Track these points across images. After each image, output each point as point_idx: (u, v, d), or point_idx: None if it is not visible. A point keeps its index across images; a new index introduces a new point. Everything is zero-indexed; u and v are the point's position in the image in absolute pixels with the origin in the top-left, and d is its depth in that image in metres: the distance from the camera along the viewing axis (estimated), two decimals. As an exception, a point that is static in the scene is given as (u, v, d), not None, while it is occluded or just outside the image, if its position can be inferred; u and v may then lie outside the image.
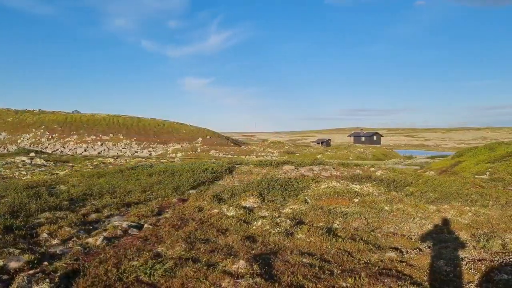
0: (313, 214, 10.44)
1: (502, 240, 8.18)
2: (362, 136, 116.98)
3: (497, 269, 6.41)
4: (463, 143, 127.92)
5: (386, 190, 13.72)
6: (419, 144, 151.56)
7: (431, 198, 12.59)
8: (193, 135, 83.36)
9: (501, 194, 13.82)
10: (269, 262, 6.17)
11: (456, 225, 9.66)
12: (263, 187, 13.65)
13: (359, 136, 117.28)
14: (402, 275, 5.90)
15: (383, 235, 8.74)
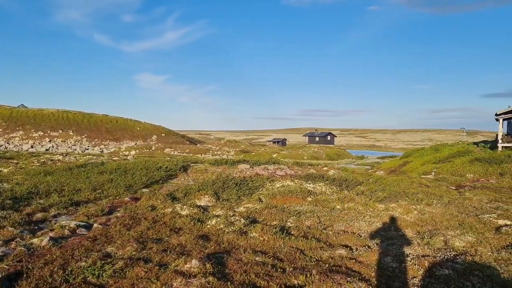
0: (267, 212, 10.53)
1: (444, 237, 8.63)
2: (317, 136, 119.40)
3: (439, 264, 6.75)
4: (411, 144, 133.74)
5: (338, 189, 14.08)
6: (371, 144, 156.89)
7: (380, 197, 13.06)
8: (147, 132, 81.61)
9: (444, 193, 14.58)
10: (222, 261, 6.16)
11: (403, 223, 10.09)
12: (218, 186, 13.61)
13: (313, 136, 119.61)
14: (351, 272, 6.08)
15: (334, 233, 8.96)
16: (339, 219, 10.22)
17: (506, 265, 6.90)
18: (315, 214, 10.62)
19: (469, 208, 11.96)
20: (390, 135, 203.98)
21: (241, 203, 11.89)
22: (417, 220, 10.54)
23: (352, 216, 10.52)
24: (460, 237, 8.61)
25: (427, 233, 9.15)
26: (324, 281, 5.36)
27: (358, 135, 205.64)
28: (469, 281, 6.01)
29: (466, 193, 14.90)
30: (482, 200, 13.42)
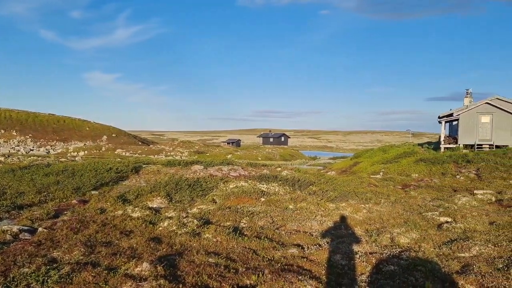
0: (220, 213, 10.52)
1: (390, 234, 9.01)
2: (271, 137, 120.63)
3: (386, 261, 7.04)
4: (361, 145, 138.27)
5: (291, 189, 14.31)
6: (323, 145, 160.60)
7: (332, 197, 13.41)
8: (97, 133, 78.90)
9: (391, 193, 15.20)
10: (174, 263, 6.08)
11: (352, 222, 10.42)
12: (171, 187, 13.42)
13: (267, 137, 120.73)
14: (303, 270, 6.20)
15: (287, 233, 9.10)
16: (291, 219, 10.38)
17: (447, 260, 7.30)
18: (268, 214, 10.73)
19: (414, 206, 12.55)
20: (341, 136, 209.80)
21: (194, 204, 11.80)
22: (366, 218, 10.92)
23: (304, 216, 10.72)
24: (405, 234, 9.01)
25: (375, 231, 9.50)
26: (276, 280, 5.43)
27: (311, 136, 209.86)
28: (412, 276, 6.31)
29: (411, 192, 15.61)
30: (426, 198, 14.12)
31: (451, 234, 9.24)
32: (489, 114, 27.96)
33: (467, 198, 13.89)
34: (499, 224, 10.15)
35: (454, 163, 22.03)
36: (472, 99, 33.56)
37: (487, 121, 27.98)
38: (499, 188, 16.33)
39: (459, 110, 30.15)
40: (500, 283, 5.99)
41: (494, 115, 27.81)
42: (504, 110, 27.74)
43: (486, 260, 7.23)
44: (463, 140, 28.73)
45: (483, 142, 27.92)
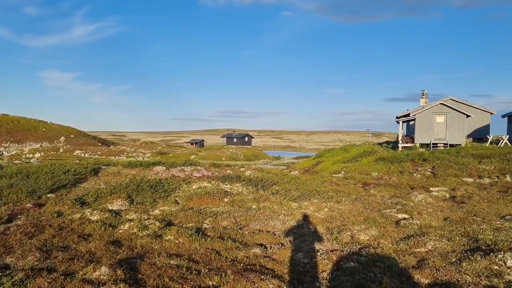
0: (183, 215, 10.40)
1: (351, 232, 9.22)
2: (235, 137, 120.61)
3: (346, 258, 7.20)
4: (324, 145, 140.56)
5: (255, 189, 14.35)
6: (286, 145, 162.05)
7: (294, 196, 13.56)
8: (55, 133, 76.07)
9: (352, 191, 15.55)
10: (135, 267, 5.96)
11: (315, 220, 10.58)
12: (132, 189, 13.14)
13: (231, 137, 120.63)
14: (265, 270, 6.24)
15: (250, 233, 9.12)
16: (254, 219, 10.42)
17: (404, 255, 7.56)
18: (231, 214, 10.71)
19: (373, 204, 12.90)
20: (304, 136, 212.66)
21: (156, 206, 11.61)
22: (328, 217, 11.12)
23: (267, 215, 10.79)
24: (365, 231, 9.25)
25: (336, 228, 9.69)
26: (238, 281, 5.44)
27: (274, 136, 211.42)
28: (371, 272, 6.49)
29: (371, 190, 16.04)
30: (385, 196, 14.55)
31: (408, 230, 9.57)
32: (443, 114, 29.16)
33: (423, 195, 14.43)
34: (453, 219, 10.62)
35: (411, 161, 22.83)
36: (427, 100, 34.91)
37: (441, 121, 29.16)
38: (453, 185, 17.07)
39: (415, 110, 31.27)
40: (453, 276, 6.27)
41: (448, 115, 29.02)
42: (457, 110, 29.02)
43: (440, 255, 7.54)
44: (420, 139, 29.81)
45: (438, 141, 29.08)
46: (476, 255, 7.10)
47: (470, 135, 32.19)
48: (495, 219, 10.57)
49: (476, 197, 14.11)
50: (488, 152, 22.87)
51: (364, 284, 5.69)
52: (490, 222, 10.08)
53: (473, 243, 8.14)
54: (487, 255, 7.02)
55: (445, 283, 6.03)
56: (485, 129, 32.70)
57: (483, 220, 10.36)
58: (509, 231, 9.02)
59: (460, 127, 28.87)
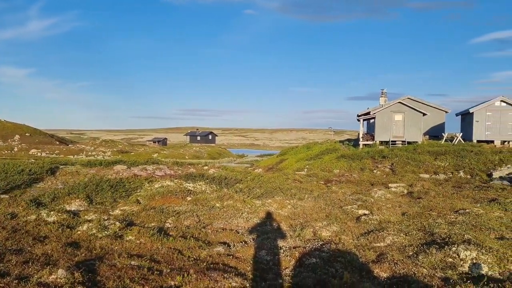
0: (145, 214, 10.22)
1: (313, 228, 9.35)
2: (198, 135, 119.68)
3: (308, 254, 7.30)
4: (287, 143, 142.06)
5: (218, 187, 14.29)
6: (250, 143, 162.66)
7: (258, 194, 13.61)
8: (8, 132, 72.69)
9: (315, 188, 15.78)
10: (93, 268, 5.79)
11: (278, 217, 10.66)
12: (91, 188, 12.77)
13: (195, 136, 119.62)
14: (228, 268, 6.23)
15: (213, 231, 9.07)
16: (218, 217, 10.38)
17: (364, 250, 7.74)
18: (194, 213, 10.62)
19: (335, 200, 13.14)
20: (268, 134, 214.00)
21: (117, 205, 11.34)
22: (291, 214, 11.23)
23: (231, 214, 10.77)
24: (327, 228, 9.41)
25: (299, 225, 9.81)
26: (201, 280, 5.39)
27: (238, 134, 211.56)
28: (333, 267, 6.61)
29: (333, 187, 16.34)
30: (346, 193, 14.85)
31: (368, 226, 9.82)
32: (401, 112, 30.11)
33: (383, 192, 14.85)
34: (410, 214, 10.99)
35: (371, 158, 23.44)
36: (386, 99, 35.95)
37: (400, 119, 30.11)
38: (410, 181, 17.67)
39: (375, 109, 32.12)
40: (410, 269, 6.49)
41: (406, 113, 30.00)
42: (414, 109, 30.06)
43: (399, 249, 7.79)
44: (379, 137, 30.66)
45: (396, 138, 30.02)
46: (432, 248, 7.38)
47: (426, 132, 33.43)
48: (450, 213, 11.03)
49: (432, 193, 14.66)
50: (443, 149, 23.83)
51: (325, 280, 5.78)
52: (445, 216, 10.50)
53: (429, 237, 8.45)
54: (442, 248, 7.31)
55: (403, 276, 6.23)
56: (441, 127, 34.06)
57: (438, 215, 10.78)
58: (462, 224, 9.43)
59: (417, 125, 29.92)
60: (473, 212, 10.77)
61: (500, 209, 11.60)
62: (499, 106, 28.24)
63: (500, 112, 28.09)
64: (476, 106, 28.96)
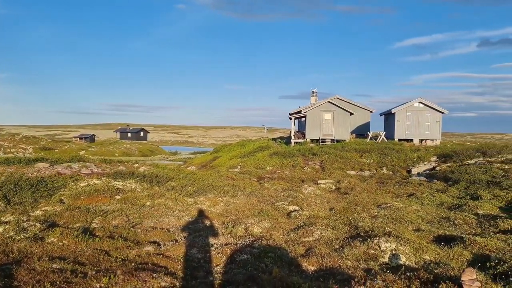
0: (69, 214, 9.68)
1: (245, 225, 9.44)
2: (129, 132, 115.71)
3: (239, 251, 7.35)
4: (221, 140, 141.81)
5: (149, 185, 13.92)
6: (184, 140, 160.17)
7: (190, 191, 13.45)
8: None
9: (247, 185, 15.93)
10: (10, 273, 5.38)
11: (210, 215, 10.62)
12: (9, 188, 11.85)
13: (125, 132, 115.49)
14: (158, 267, 6.09)
15: (143, 230, 8.83)
16: (148, 216, 10.11)
17: (293, 245, 7.97)
18: (123, 212, 10.25)
19: (267, 197, 13.37)
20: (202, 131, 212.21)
21: (38, 206, 10.62)
22: (223, 211, 11.25)
23: (162, 212, 10.55)
24: (259, 224, 9.55)
25: (231, 222, 9.85)
26: (128, 281, 5.22)
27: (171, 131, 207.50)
28: (263, 263, 6.72)
29: (265, 184, 16.61)
30: (278, 189, 15.17)
31: (298, 221, 10.11)
32: (330, 111, 31.33)
33: (312, 188, 15.37)
34: (337, 209, 11.49)
35: (302, 156, 24.15)
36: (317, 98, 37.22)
37: (329, 118, 31.31)
38: (338, 177, 18.46)
39: (306, 108, 33.11)
40: (336, 262, 6.78)
41: (334, 112, 31.25)
42: (342, 108, 31.41)
43: (326, 243, 8.11)
44: (310, 135, 31.66)
45: (326, 137, 31.18)
46: (356, 241, 7.77)
47: (353, 131, 35.10)
48: (373, 207, 11.69)
49: (357, 188, 15.44)
50: (368, 147, 25.17)
51: (255, 275, 5.86)
52: (369, 211, 11.11)
53: (354, 231, 8.89)
54: (365, 240, 7.72)
55: (329, 268, 6.50)
56: (366, 126, 35.94)
57: (363, 209, 11.38)
58: (384, 218, 10.05)
59: (345, 124, 31.30)
60: (394, 206, 11.50)
61: (418, 203, 12.51)
62: (417, 107, 30.39)
63: (418, 113, 30.24)
64: (397, 106, 30.93)
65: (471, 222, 9.81)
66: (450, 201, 12.73)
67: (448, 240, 8.21)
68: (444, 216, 10.54)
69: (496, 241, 7.64)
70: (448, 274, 5.31)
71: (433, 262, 6.66)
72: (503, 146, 22.73)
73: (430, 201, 12.74)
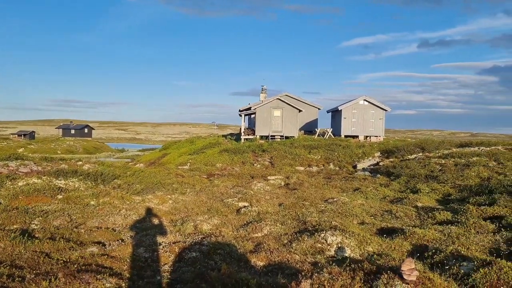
0: (5, 216, 9.10)
1: (194, 222, 9.34)
2: (72, 128, 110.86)
3: (188, 248, 7.27)
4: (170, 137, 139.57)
5: (94, 184, 13.42)
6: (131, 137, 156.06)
7: (138, 189, 13.12)
8: None
9: (197, 182, 15.79)
10: None
11: (159, 213, 10.41)
12: None
13: (68, 129, 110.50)
14: (102, 268, 5.88)
15: (87, 231, 8.49)
16: (93, 216, 9.74)
17: (243, 241, 7.99)
18: (65, 212, 9.80)
19: (216, 194, 13.32)
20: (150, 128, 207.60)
21: (-30, 207, 9.91)
22: (172, 209, 11.07)
23: (107, 211, 10.19)
24: (208, 221, 9.49)
25: (179, 220, 9.71)
26: (70, 283, 5.00)
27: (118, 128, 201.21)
28: (212, 260, 6.69)
29: (215, 181, 16.53)
30: (228, 186, 15.16)
31: (247, 217, 10.16)
32: (280, 108, 31.73)
33: (262, 184, 15.50)
34: (286, 205, 11.66)
35: (252, 152, 24.29)
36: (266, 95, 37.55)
37: (278, 115, 31.70)
38: (287, 173, 18.74)
39: (256, 104, 33.31)
40: (284, 257, 6.88)
41: (284, 109, 31.69)
42: (291, 105, 31.92)
43: (275, 238, 8.20)
44: (260, 131, 31.90)
45: (275, 133, 31.55)
46: (304, 235, 7.93)
47: (302, 128, 35.78)
48: (321, 202, 11.99)
49: (306, 184, 15.76)
50: (316, 143, 25.76)
51: (204, 273, 5.82)
52: (316, 205, 11.37)
53: (302, 225, 9.07)
54: (312, 235, 7.90)
55: (278, 263, 6.58)
56: (314, 123, 36.76)
57: (311, 204, 11.63)
58: (330, 212, 10.33)
59: (294, 121, 31.84)
60: (340, 201, 11.86)
61: (362, 197, 12.97)
62: (362, 104, 31.51)
63: (363, 110, 31.35)
64: (343, 104, 31.89)
65: (411, 215, 10.32)
66: (392, 194, 13.33)
67: (390, 232, 8.60)
68: (387, 209, 11.01)
69: (433, 232, 8.09)
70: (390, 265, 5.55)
71: (376, 253, 6.93)
72: (440, 142, 24.11)
73: (374, 195, 13.26)
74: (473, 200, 10.98)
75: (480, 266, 5.55)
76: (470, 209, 9.79)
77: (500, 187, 11.69)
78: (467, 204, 10.49)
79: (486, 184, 12.65)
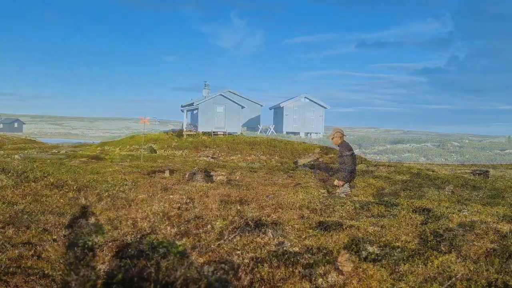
0: None
1: (133, 220, 9.08)
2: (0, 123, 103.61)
3: (126, 247, 7.06)
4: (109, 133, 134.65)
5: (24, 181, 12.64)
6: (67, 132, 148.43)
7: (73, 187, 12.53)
8: None
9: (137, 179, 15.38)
10: None
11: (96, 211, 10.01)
12: None
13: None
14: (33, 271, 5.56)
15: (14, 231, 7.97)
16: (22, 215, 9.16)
17: (183, 238, 7.89)
18: (-9, 212, 9.14)
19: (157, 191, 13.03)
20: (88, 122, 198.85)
21: None
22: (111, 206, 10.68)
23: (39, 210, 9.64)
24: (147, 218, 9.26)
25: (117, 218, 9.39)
26: (-5, 288, 4.68)
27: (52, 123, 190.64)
28: (151, 258, 6.54)
29: (156, 178, 16.18)
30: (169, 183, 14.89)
31: (189, 214, 10.03)
32: (223, 105, 31.73)
33: (205, 180, 15.40)
34: (228, 201, 11.68)
35: (195, 148, 24.09)
36: (209, 91, 37.40)
37: (221, 111, 31.69)
38: (230, 169, 18.79)
39: (198, 100, 33.07)
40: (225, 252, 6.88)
41: (226, 106, 31.71)
42: (234, 101, 32.01)
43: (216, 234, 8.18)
44: (203, 127, 31.70)
45: (218, 129, 31.51)
46: (245, 231, 7.98)
47: (245, 124, 36.05)
48: (262, 198, 12.12)
49: (248, 179, 15.88)
50: (258, 139, 26.06)
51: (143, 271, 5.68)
52: (258, 201, 11.49)
53: (244, 221, 9.11)
54: (254, 230, 7.98)
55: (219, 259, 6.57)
56: (257, 119, 37.17)
57: (253, 200, 11.73)
58: (271, 207, 10.49)
59: (237, 117, 31.98)
60: (281, 196, 12.08)
61: (303, 192, 13.31)
62: (303, 102, 32.33)
63: (304, 107, 32.17)
64: (285, 101, 32.55)
65: (348, 209, 10.74)
66: (330, 189, 13.78)
67: (329, 225, 8.89)
68: (326, 203, 11.38)
69: (368, 225, 8.48)
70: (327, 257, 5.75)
71: (314, 247, 7.14)
72: (375, 139, 25.29)
73: (314, 190, 13.64)
74: (404, 194, 11.65)
75: (410, 256, 5.91)
76: (401, 203, 10.37)
77: (428, 181, 12.50)
78: (399, 198, 11.11)
79: (415, 179, 13.47)
